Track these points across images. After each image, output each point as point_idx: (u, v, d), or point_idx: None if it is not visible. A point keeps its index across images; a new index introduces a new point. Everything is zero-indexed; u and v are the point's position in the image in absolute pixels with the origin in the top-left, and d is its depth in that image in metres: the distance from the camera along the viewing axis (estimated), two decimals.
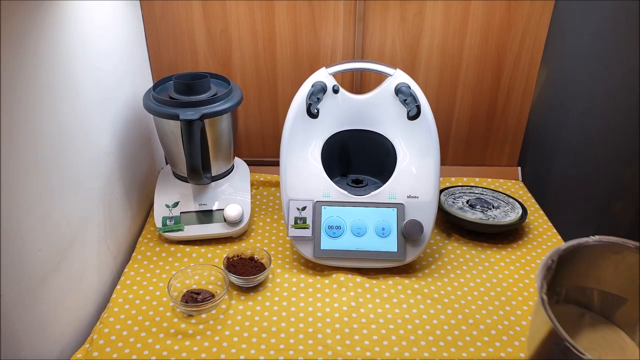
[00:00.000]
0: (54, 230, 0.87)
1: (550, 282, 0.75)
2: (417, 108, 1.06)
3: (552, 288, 0.77)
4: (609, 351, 0.78)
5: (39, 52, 0.81)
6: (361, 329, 0.97)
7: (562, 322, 0.73)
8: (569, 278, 0.80)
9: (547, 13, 1.33)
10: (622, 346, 0.79)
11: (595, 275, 0.79)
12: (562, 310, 0.80)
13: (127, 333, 0.95)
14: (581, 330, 0.81)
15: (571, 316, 0.82)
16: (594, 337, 0.80)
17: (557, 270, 0.76)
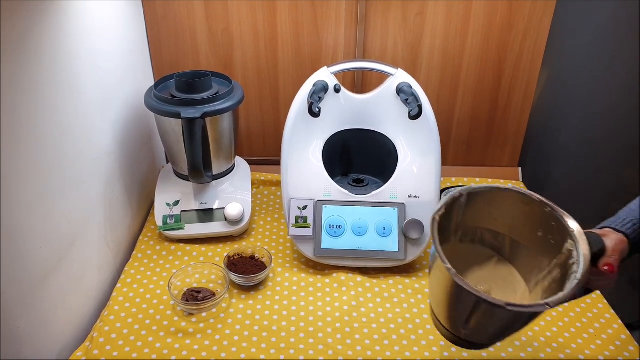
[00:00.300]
0: (55, 228, 0.87)
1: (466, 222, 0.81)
2: (419, 108, 1.06)
3: (470, 227, 0.83)
4: (500, 290, 0.81)
5: (40, 52, 0.81)
6: (362, 328, 0.97)
7: (469, 258, 0.83)
8: (485, 221, 0.83)
9: (549, 13, 1.33)
10: (516, 289, 0.82)
11: (508, 224, 0.82)
12: (474, 249, 0.84)
13: (127, 331, 0.95)
14: (483, 268, 0.84)
15: (480, 255, 0.85)
16: (493, 277, 0.83)
17: (475, 211, 0.80)
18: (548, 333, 0.98)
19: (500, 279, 0.83)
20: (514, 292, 0.81)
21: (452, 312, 0.75)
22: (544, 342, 0.96)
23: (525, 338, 0.97)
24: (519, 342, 0.96)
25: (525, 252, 0.82)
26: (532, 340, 0.97)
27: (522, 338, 0.96)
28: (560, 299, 0.67)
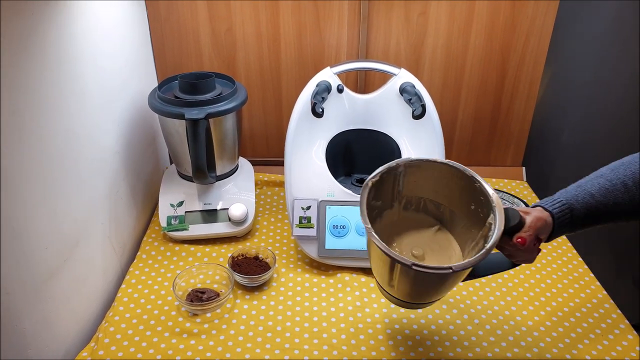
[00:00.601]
0: (60, 229, 0.87)
1: (408, 191, 0.87)
2: (422, 107, 1.06)
3: (414, 197, 0.89)
4: (435, 255, 0.86)
5: (44, 53, 0.81)
6: (366, 328, 0.97)
7: (411, 225, 0.89)
8: (426, 192, 0.88)
9: (552, 13, 1.32)
10: (451, 256, 0.86)
11: (447, 196, 0.87)
12: (418, 217, 0.90)
13: (132, 332, 0.95)
14: (423, 235, 0.90)
15: (423, 223, 0.90)
16: (431, 243, 0.88)
17: (415, 181, 0.86)
18: (554, 333, 0.98)
19: (438, 245, 0.88)
20: (448, 258, 0.86)
21: (379, 270, 0.81)
22: (550, 342, 0.96)
23: (530, 338, 0.96)
24: (525, 343, 0.95)
25: (462, 223, 0.86)
26: (538, 340, 0.96)
27: (527, 338, 0.96)
28: (464, 265, 0.71)
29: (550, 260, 1.17)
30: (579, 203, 0.82)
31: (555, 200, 0.82)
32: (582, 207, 0.81)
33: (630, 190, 0.81)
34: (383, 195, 0.86)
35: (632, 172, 0.81)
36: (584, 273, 1.14)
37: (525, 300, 1.04)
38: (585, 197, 0.82)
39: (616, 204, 0.81)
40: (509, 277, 1.10)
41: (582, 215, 0.81)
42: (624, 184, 0.81)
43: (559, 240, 1.23)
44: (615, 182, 0.82)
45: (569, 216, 0.81)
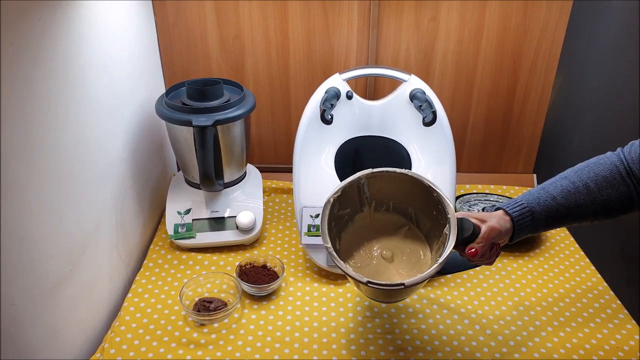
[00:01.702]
0: (67, 237, 0.86)
1: (375, 196, 0.91)
2: (433, 114, 1.04)
3: (380, 199, 0.92)
4: (406, 256, 0.90)
5: (52, 58, 0.80)
6: (376, 339, 0.95)
7: (382, 226, 0.92)
8: (392, 197, 0.92)
9: (564, 17, 1.31)
10: (419, 258, 0.90)
11: (411, 200, 0.90)
12: (389, 217, 0.93)
13: (138, 342, 0.93)
14: (394, 236, 0.93)
15: (394, 224, 0.93)
16: (402, 244, 0.92)
17: (379, 188, 0.89)
18: (561, 333, 0.97)
19: (408, 247, 0.91)
20: (417, 260, 0.90)
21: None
22: (558, 342, 0.95)
23: (538, 339, 0.96)
24: (532, 343, 0.95)
25: (428, 224, 0.90)
26: (545, 340, 0.95)
27: (535, 339, 0.95)
28: (416, 280, 0.76)
29: (557, 261, 1.17)
30: (540, 206, 0.83)
31: (517, 203, 0.84)
32: (542, 210, 0.83)
33: (592, 192, 0.82)
34: (351, 204, 0.90)
35: (595, 174, 0.82)
36: (592, 274, 1.13)
37: (537, 310, 1.03)
38: (547, 200, 0.83)
39: (578, 205, 0.82)
40: (520, 286, 1.09)
41: (543, 217, 0.83)
42: (586, 186, 0.82)
43: (566, 241, 1.23)
44: (577, 184, 0.83)
45: (529, 219, 0.83)
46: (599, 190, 0.81)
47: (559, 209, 0.82)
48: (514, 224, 0.83)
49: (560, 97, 1.43)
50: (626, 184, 0.81)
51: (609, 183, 0.81)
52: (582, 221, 0.85)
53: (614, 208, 0.82)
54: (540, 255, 1.18)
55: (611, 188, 0.81)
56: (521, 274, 1.12)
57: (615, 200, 0.81)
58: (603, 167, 0.83)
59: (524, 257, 1.18)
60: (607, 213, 0.83)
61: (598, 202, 0.82)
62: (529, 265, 1.15)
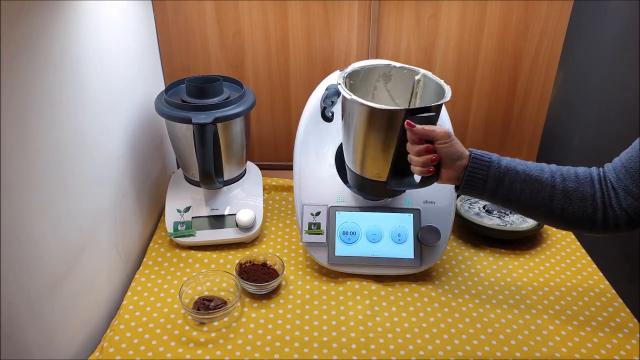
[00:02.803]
0: (65, 235, 0.85)
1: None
2: None
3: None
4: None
5: (50, 55, 0.79)
6: (377, 337, 0.94)
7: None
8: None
9: (565, 15, 1.30)
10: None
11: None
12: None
13: (137, 341, 0.93)
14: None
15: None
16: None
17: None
18: (563, 332, 0.97)
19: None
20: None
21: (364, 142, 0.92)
22: (559, 341, 0.95)
23: (539, 337, 0.95)
24: (533, 342, 0.94)
25: None
26: (547, 339, 0.95)
27: (536, 338, 0.95)
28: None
29: (559, 259, 1.17)
30: (504, 162, 0.81)
31: (485, 153, 0.83)
32: (505, 166, 0.81)
33: (558, 179, 0.79)
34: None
35: (567, 168, 0.81)
36: (593, 272, 1.13)
37: (539, 308, 1.02)
38: (512, 162, 0.82)
39: (538, 181, 0.80)
40: (522, 284, 1.08)
41: (499, 173, 0.80)
42: (556, 171, 0.80)
43: (567, 239, 1.23)
44: (546, 168, 0.81)
45: (487, 165, 0.81)
46: (567, 179, 0.79)
47: (520, 176, 0.80)
48: (470, 159, 0.81)
49: (561, 96, 1.42)
50: (594, 187, 0.78)
51: (579, 179, 0.79)
52: (534, 209, 0.81)
53: (573, 209, 0.78)
54: (541, 254, 1.18)
55: (576, 182, 0.79)
56: (522, 272, 1.12)
57: (576, 198, 0.78)
58: (579, 167, 0.81)
59: (525, 255, 1.17)
60: (563, 210, 0.79)
61: (562, 189, 0.78)
62: (530, 264, 1.15)
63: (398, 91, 1.01)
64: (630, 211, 0.75)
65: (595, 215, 0.78)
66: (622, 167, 0.76)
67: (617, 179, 0.76)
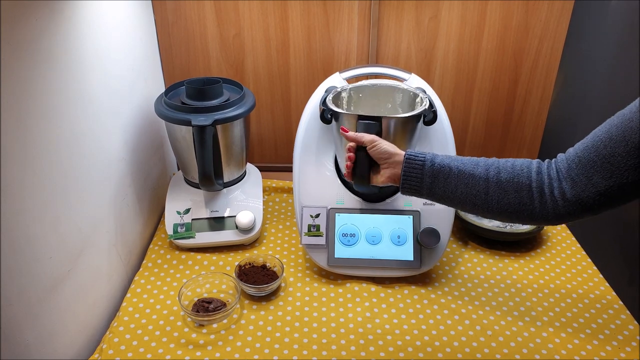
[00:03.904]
0: (65, 237, 0.85)
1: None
2: (434, 113, 1.03)
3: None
4: None
5: (50, 58, 0.79)
6: (376, 340, 0.94)
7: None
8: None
9: (566, 16, 1.30)
10: None
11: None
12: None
13: (137, 343, 0.93)
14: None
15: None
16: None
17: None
18: (563, 334, 0.97)
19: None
20: None
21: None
22: (559, 343, 0.95)
23: (539, 340, 0.95)
24: (533, 344, 0.94)
25: None
26: (546, 341, 0.95)
27: (536, 340, 0.95)
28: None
29: (559, 261, 1.16)
30: (438, 158, 0.84)
31: (420, 153, 0.86)
32: (439, 164, 0.83)
33: (492, 170, 0.80)
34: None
35: (505, 160, 0.81)
36: (593, 274, 1.13)
37: (539, 310, 1.02)
38: (446, 158, 0.84)
39: (472, 175, 0.80)
40: (521, 286, 1.08)
41: (434, 171, 0.83)
42: (490, 163, 0.81)
43: (567, 241, 1.23)
44: (483, 160, 0.82)
45: (421, 164, 0.84)
46: (501, 171, 0.79)
47: (453, 172, 0.81)
48: (405, 160, 0.85)
49: (562, 97, 1.42)
50: (530, 177, 0.77)
51: (514, 169, 0.79)
52: (471, 202, 0.81)
53: (508, 200, 0.78)
54: (541, 255, 1.18)
55: (511, 173, 0.78)
56: (522, 274, 1.12)
57: (510, 189, 0.78)
58: (516, 159, 0.81)
59: (525, 257, 1.17)
60: (498, 202, 0.79)
61: (496, 181, 0.79)
62: (530, 266, 1.14)
63: (405, 108, 1.10)
64: (574, 201, 0.75)
65: (533, 205, 0.77)
66: (575, 157, 0.76)
67: (567, 169, 0.76)
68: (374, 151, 0.89)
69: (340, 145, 1.04)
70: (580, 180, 0.74)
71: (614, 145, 0.71)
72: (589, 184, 0.73)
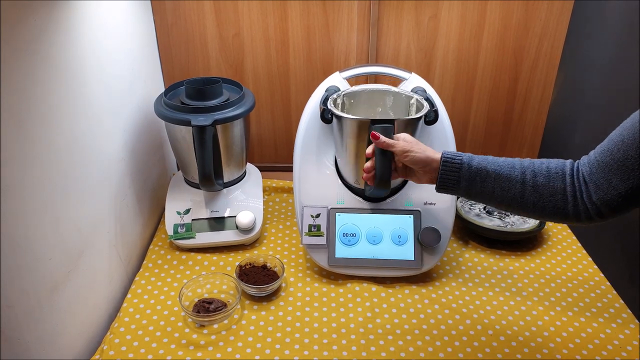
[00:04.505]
0: (65, 238, 0.85)
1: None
2: (434, 113, 1.03)
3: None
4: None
5: (49, 58, 0.79)
6: (377, 339, 0.94)
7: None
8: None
9: (566, 15, 1.30)
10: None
11: None
12: None
13: (137, 344, 0.93)
14: None
15: None
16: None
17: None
18: (564, 333, 0.96)
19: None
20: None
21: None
22: (560, 342, 0.95)
23: (541, 339, 0.95)
24: (534, 344, 0.94)
25: None
26: (548, 340, 0.95)
27: (537, 339, 0.95)
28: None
29: (560, 260, 1.16)
30: (475, 160, 0.84)
31: (457, 154, 0.86)
32: (476, 167, 0.83)
33: (529, 173, 0.81)
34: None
35: (540, 162, 0.82)
36: (594, 273, 1.13)
37: (540, 310, 1.02)
38: (483, 160, 0.84)
39: (508, 178, 0.82)
40: (522, 285, 1.08)
41: (470, 174, 0.83)
42: (522, 166, 0.82)
43: (567, 240, 1.23)
44: (519, 162, 0.83)
45: (457, 168, 0.84)
46: (537, 174, 0.81)
47: (490, 175, 0.82)
48: (441, 162, 0.85)
49: (562, 96, 1.42)
50: (564, 181, 0.79)
51: (550, 172, 0.80)
52: (507, 204, 0.83)
53: (544, 203, 0.80)
54: (542, 255, 1.17)
55: (547, 177, 0.80)
56: (523, 274, 1.12)
57: (546, 193, 0.79)
58: (551, 160, 0.83)
59: (525, 256, 1.17)
60: (534, 204, 0.81)
61: (532, 185, 0.80)
62: (531, 265, 1.14)
63: (397, 111, 1.12)
64: (599, 204, 0.76)
65: (567, 208, 0.79)
66: (595, 161, 0.77)
67: (589, 173, 0.77)
68: (409, 161, 0.88)
69: (340, 145, 1.04)
70: (601, 183, 0.75)
71: (626, 148, 0.72)
72: (610, 187, 0.74)
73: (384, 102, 1.12)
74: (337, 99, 1.08)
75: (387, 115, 1.13)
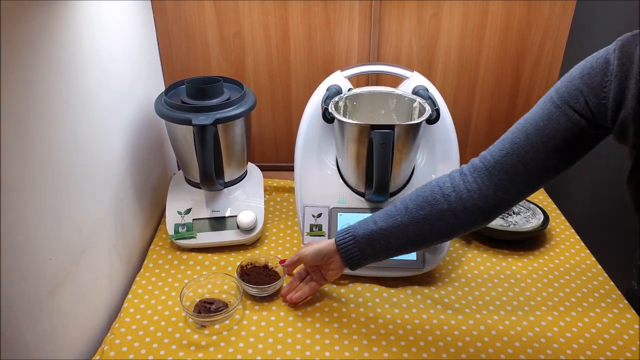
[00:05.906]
0: (65, 238, 0.85)
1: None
2: (436, 112, 1.02)
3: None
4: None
5: (49, 58, 0.79)
6: (380, 340, 0.94)
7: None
8: None
9: (569, 13, 1.29)
10: None
11: None
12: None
13: (138, 344, 0.92)
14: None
15: None
16: None
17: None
18: (568, 334, 0.96)
19: None
20: None
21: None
22: (564, 342, 0.94)
23: (544, 339, 0.95)
24: (538, 344, 0.93)
25: None
26: (551, 341, 0.94)
27: (541, 339, 0.94)
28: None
29: (563, 260, 1.16)
30: (362, 229, 0.88)
31: (344, 230, 0.91)
32: (364, 234, 0.88)
33: (410, 212, 0.84)
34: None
35: (415, 195, 0.86)
36: (597, 273, 1.12)
37: (543, 310, 1.01)
38: (369, 224, 0.88)
39: (397, 227, 0.85)
40: (525, 285, 1.07)
41: (365, 241, 0.88)
42: (405, 206, 0.85)
43: (571, 240, 1.22)
44: (398, 206, 0.87)
45: (352, 242, 0.89)
46: (417, 209, 0.84)
47: (379, 232, 0.86)
48: (338, 248, 0.91)
49: None
50: (447, 201, 0.82)
51: (427, 202, 0.83)
52: (412, 246, 0.88)
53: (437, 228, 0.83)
54: (545, 254, 1.17)
55: (430, 206, 0.83)
56: (526, 273, 1.11)
57: (434, 219, 0.83)
58: (424, 188, 0.85)
59: (529, 256, 1.16)
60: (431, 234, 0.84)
61: (418, 220, 0.83)
62: (534, 264, 1.14)
63: (400, 114, 1.12)
64: (497, 204, 0.80)
65: (460, 222, 0.83)
66: (495, 163, 0.80)
67: (488, 175, 0.80)
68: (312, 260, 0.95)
69: (341, 147, 1.04)
70: (503, 184, 0.79)
71: (535, 150, 0.77)
72: (512, 187, 0.79)
73: (387, 104, 1.11)
74: (339, 102, 1.07)
75: (391, 118, 1.12)
